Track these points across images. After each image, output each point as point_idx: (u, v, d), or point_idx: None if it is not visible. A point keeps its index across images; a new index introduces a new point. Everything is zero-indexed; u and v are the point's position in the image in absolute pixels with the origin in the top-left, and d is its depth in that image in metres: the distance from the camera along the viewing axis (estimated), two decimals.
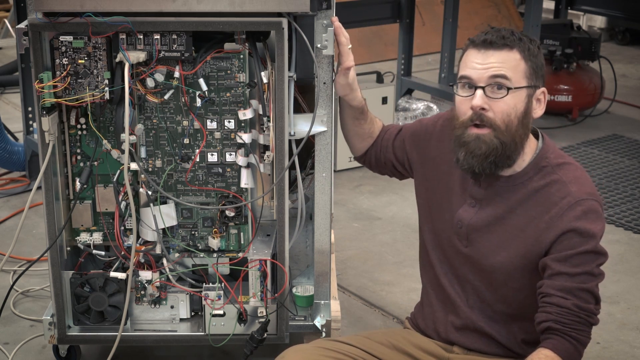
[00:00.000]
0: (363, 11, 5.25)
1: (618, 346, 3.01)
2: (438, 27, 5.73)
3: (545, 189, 2.09)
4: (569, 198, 2.05)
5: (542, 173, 2.11)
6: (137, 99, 2.46)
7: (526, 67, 2.06)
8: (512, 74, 2.04)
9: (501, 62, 2.04)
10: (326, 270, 2.65)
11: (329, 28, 2.41)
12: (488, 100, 2.05)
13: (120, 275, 2.53)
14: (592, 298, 2.02)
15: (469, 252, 2.17)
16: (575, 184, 2.07)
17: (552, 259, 2.02)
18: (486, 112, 2.05)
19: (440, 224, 2.25)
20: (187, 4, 2.29)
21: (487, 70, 2.05)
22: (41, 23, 2.31)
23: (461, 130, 2.09)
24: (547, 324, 2.01)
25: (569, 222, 2.02)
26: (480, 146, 2.05)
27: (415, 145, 2.37)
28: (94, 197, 2.55)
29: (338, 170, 4.57)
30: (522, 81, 2.06)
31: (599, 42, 5.57)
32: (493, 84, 2.04)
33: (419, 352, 2.24)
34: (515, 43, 2.06)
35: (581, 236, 2.01)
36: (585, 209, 2.03)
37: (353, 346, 2.20)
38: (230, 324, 2.59)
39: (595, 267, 2.02)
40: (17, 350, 2.92)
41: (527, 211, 2.09)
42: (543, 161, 2.12)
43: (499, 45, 2.05)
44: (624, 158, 4.85)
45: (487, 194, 2.14)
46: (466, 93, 2.08)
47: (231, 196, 2.54)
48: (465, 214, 2.17)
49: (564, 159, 2.14)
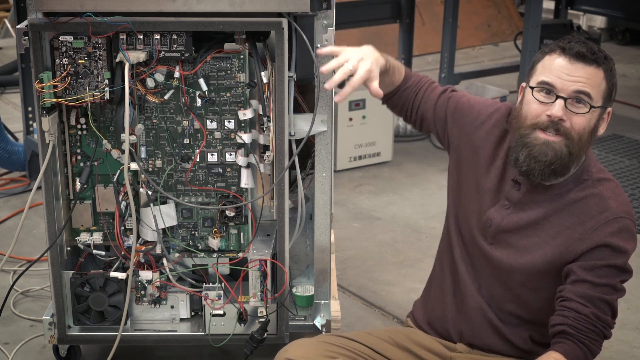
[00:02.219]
0: (363, 11, 5.25)
1: (618, 346, 3.01)
2: (438, 27, 5.74)
3: (583, 201, 2.09)
4: (607, 213, 2.05)
5: (583, 186, 2.11)
6: (137, 99, 2.46)
7: (606, 88, 2.06)
8: (594, 92, 2.03)
9: (587, 79, 2.03)
10: (326, 270, 2.65)
11: (329, 29, 2.41)
12: (566, 112, 2.03)
13: (120, 275, 2.53)
14: (610, 311, 2.04)
15: (492, 251, 2.17)
16: (614, 200, 2.08)
17: (578, 266, 2.04)
18: (563, 123, 2.03)
19: (466, 214, 2.24)
20: (187, 4, 2.29)
21: (573, 83, 2.02)
22: (41, 23, 2.31)
23: (528, 131, 2.06)
24: (562, 327, 2.02)
25: (604, 236, 2.03)
26: (547, 152, 2.03)
27: (458, 123, 2.30)
28: (94, 197, 2.55)
29: (338, 170, 4.57)
30: (600, 100, 2.05)
31: (599, 42, 5.57)
32: (575, 98, 2.03)
33: (421, 350, 2.24)
34: (602, 61, 2.04)
35: (613, 251, 2.03)
36: (622, 226, 2.05)
37: (355, 341, 2.22)
38: (230, 324, 2.59)
39: (618, 282, 2.04)
40: (17, 350, 2.92)
41: (561, 220, 2.09)
42: (585, 174, 2.12)
43: (589, 60, 2.03)
44: (624, 158, 4.85)
45: (523, 198, 2.14)
46: (544, 98, 2.05)
47: (231, 196, 2.55)
48: (496, 215, 2.16)
49: (604, 175, 2.14)
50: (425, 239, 3.85)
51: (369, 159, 4.70)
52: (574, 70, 2.03)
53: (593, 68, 2.04)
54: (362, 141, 4.65)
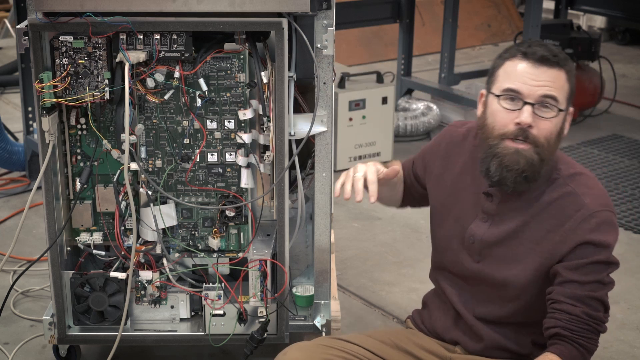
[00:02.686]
0: (363, 11, 5.25)
1: (618, 346, 3.01)
2: (438, 27, 5.74)
3: (558, 201, 2.07)
4: (583, 210, 2.03)
5: (555, 185, 2.09)
6: (137, 99, 2.46)
7: (569, 89, 2.05)
8: (560, 95, 2.02)
9: (553, 82, 2.01)
10: (326, 270, 2.65)
11: (329, 29, 2.41)
12: (535, 118, 2.01)
13: (120, 275, 2.53)
14: (601, 306, 2.03)
15: (481, 267, 2.15)
16: (588, 195, 2.06)
17: (563, 267, 2.03)
18: (531, 130, 2.01)
19: (449, 243, 2.23)
20: (187, 4, 2.29)
21: (539, 87, 2.00)
22: (41, 23, 2.31)
23: (497, 141, 2.04)
24: (555, 329, 2.01)
25: (583, 235, 2.02)
26: (518, 161, 2.01)
27: (424, 164, 2.34)
28: (94, 197, 2.55)
29: (338, 170, 4.57)
30: (564, 103, 2.04)
31: (599, 42, 5.57)
32: (542, 103, 2.00)
33: (421, 352, 2.24)
34: (564, 63, 2.03)
35: (595, 247, 2.01)
36: (600, 220, 2.03)
37: (355, 344, 2.20)
38: (230, 324, 2.59)
39: (605, 276, 2.03)
40: (17, 350, 2.92)
41: (541, 224, 2.08)
42: (554, 173, 2.10)
43: (552, 63, 2.01)
44: (624, 158, 4.85)
45: (500, 209, 2.12)
46: (510, 106, 2.02)
47: (231, 196, 2.55)
48: (477, 229, 2.15)
49: (575, 169, 2.12)
50: (425, 239, 3.84)
51: (369, 159, 4.70)
52: (538, 75, 2.00)
53: (556, 70, 2.01)
54: (362, 141, 4.65)
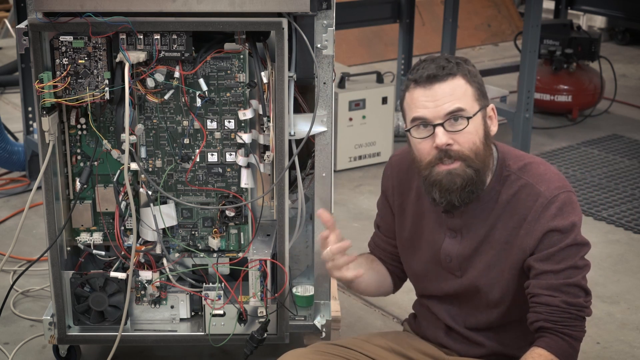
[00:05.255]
0: (363, 11, 5.25)
1: (618, 346, 3.01)
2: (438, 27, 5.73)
3: (515, 197, 2.05)
4: (541, 199, 2.02)
5: (508, 182, 2.07)
6: (137, 99, 2.46)
7: (473, 90, 2.01)
8: (464, 102, 1.99)
9: (451, 94, 1.99)
10: (326, 271, 2.64)
11: (329, 29, 2.42)
12: (450, 134, 1.99)
13: (120, 275, 2.53)
14: (581, 291, 2.01)
15: (463, 281, 2.14)
16: (542, 183, 2.04)
17: (535, 259, 2.01)
18: (452, 147, 2.00)
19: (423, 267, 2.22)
20: (187, 4, 2.29)
21: (440, 106, 1.98)
22: (41, 23, 2.31)
23: (428, 171, 2.03)
24: (538, 323, 2.01)
25: (546, 222, 2.00)
26: (454, 180, 2.00)
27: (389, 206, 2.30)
28: (94, 197, 2.55)
29: (338, 170, 4.57)
30: (475, 105, 2.01)
31: (599, 42, 5.57)
32: (450, 119, 1.99)
33: (418, 355, 2.23)
34: (455, 70, 2.00)
35: (561, 232, 2.00)
36: (559, 204, 2.01)
37: (351, 349, 2.19)
38: (230, 324, 2.59)
39: (579, 260, 2.01)
40: (17, 350, 2.92)
41: (506, 223, 2.06)
42: (504, 170, 2.08)
43: (441, 76, 1.99)
44: (624, 158, 4.85)
45: (463, 221, 2.11)
46: (423, 134, 2.01)
47: (231, 196, 2.55)
48: (450, 247, 2.13)
49: (523, 161, 2.09)
50: None
51: (369, 159, 4.70)
52: (434, 95, 1.99)
53: (450, 81, 1.99)
54: (362, 141, 4.65)
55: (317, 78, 2.48)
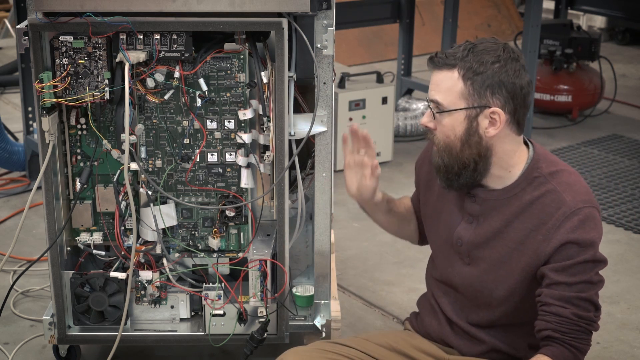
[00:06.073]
0: (363, 11, 5.25)
1: (618, 346, 3.01)
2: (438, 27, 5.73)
3: (539, 200, 2.05)
4: (564, 208, 2.00)
5: (535, 184, 2.06)
6: (137, 99, 2.46)
7: (464, 88, 2.00)
8: (444, 97, 2.01)
9: (437, 84, 2.03)
10: (326, 271, 2.65)
11: (329, 29, 2.42)
12: (434, 121, 2.06)
13: (120, 275, 2.53)
14: (591, 306, 2.01)
15: (470, 271, 2.15)
16: (569, 192, 2.03)
17: (550, 269, 2.01)
18: (433, 131, 2.07)
19: (438, 244, 2.24)
20: (187, 4, 2.29)
21: (430, 91, 2.05)
22: (41, 23, 2.31)
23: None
24: (546, 332, 2.00)
25: (566, 233, 1.99)
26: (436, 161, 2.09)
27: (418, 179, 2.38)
28: (94, 197, 2.55)
29: (338, 170, 4.56)
30: (458, 103, 2.01)
31: (599, 42, 5.57)
32: (429, 105, 2.06)
33: (419, 354, 2.23)
34: (457, 61, 2.00)
35: (579, 246, 1.99)
36: (582, 217, 2.00)
37: (352, 348, 2.20)
38: (230, 323, 2.59)
39: (594, 275, 2.00)
40: (17, 350, 2.92)
41: (523, 224, 2.06)
42: (535, 171, 2.07)
43: (440, 64, 2.02)
44: (624, 158, 4.85)
45: (483, 209, 2.11)
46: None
47: (231, 196, 2.55)
48: (464, 232, 2.14)
49: (556, 167, 2.09)
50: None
51: None
52: (432, 78, 2.06)
53: (445, 72, 2.01)
54: None
55: (317, 78, 2.48)
